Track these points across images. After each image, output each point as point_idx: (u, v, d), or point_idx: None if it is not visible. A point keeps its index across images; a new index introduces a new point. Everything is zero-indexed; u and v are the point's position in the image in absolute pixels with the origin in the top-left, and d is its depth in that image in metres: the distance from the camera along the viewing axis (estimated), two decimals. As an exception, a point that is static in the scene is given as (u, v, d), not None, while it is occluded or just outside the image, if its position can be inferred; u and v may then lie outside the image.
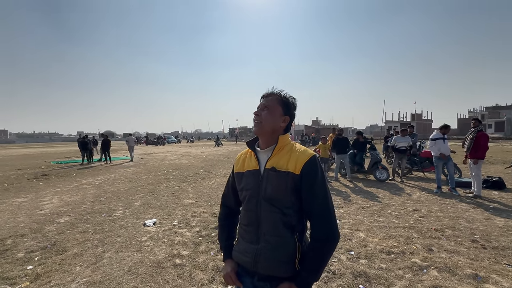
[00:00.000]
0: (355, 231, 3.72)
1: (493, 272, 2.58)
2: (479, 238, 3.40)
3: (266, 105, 1.15)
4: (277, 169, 1.09)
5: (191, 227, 4.02)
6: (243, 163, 1.22)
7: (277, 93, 1.18)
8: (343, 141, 7.77)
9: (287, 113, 1.17)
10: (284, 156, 1.11)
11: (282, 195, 1.08)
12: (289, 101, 1.18)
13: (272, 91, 1.19)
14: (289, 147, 1.14)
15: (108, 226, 4.16)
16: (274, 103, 1.15)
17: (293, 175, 1.07)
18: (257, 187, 1.11)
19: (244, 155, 1.25)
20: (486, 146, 5.43)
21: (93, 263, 2.94)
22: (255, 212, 1.12)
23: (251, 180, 1.14)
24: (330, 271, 2.68)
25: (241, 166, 1.22)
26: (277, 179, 1.08)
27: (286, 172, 1.07)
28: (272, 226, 1.08)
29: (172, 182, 7.89)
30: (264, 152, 1.16)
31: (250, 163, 1.18)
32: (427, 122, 52.57)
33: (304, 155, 1.10)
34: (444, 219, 4.19)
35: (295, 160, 1.08)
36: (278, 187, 1.08)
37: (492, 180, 6.29)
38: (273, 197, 1.09)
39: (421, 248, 3.15)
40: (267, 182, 1.10)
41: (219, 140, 31.74)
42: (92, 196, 6.24)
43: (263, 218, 1.10)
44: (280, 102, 1.16)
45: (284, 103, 1.17)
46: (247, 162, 1.20)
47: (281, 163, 1.10)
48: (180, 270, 2.77)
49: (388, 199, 5.55)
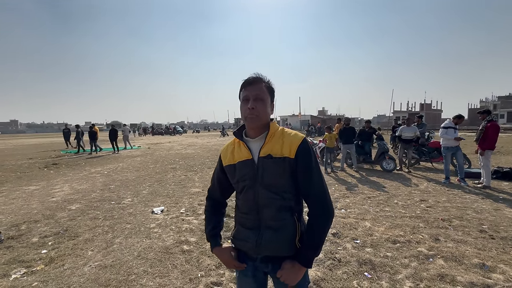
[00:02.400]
0: (361, 220, 3.72)
1: (501, 262, 2.56)
2: (487, 229, 3.36)
3: (259, 96, 1.09)
4: (273, 155, 1.08)
5: (198, 215, 4.08)
6: (232, 154, 1.18)
7: (263, 79, 1.12)
8: (349, 131, 7.68)
9: (272, 99, 1.16)
10: (277, 142, 1.10)
11: (281, 180, 1.09)
12: (272, 87, 1.15)
13: (258, 76, 1.12)
14: (280, 132, 1.13)
15: (117, 213, 4.26)
16: (264, 93, 1.10)
17: (289, 160, 1.07)
18: (254, 176, 1.11)
19: (232, 146, 1.22)
20: (494, 137, 5.30)
21: (104, 248, 3.04)
22: (253, 200, 1.12)
23: (246, 170, 1.12)
24: (336, 258, 2.70)
25: (231, 157, 1.18)
26: (274, 165, 1.08)
27: (282, 158, 1.07)
28: (273, 211, 1.10)
29: (178, 171, 7.99)
30: (255, 141, 1.13)
31: (240, 153, 1.15)
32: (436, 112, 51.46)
33: (296, 138, 1.10)
34: (451, 209, 4.15)
35: (288, 144, 1.08)
36: (275, 173, 1.08)
37: (502, 170, 6.16)
38: (271, 183, 1.09)
39: (428, 238, 3.14)
40: (264, 170, 1.09)
41: (225, 130, 31.80)
42: (101, 184, 6.38)
43: (262, 205, 1.11)
44: (268, 89, 1.12)
45: (270, 90, 1.14)
46: (237, 152, 1.17)
47: (275, 149, 1.09)
48: (188, 255, 2.84)
49: (394, 189, 5.51)
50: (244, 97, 1.10)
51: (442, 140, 6.04)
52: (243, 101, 1.11)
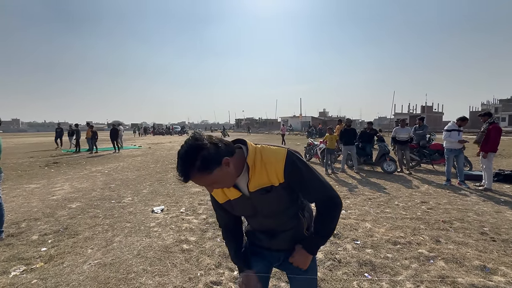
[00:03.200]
0: (361, 221, 3.71)
1: (502, 264, 2.55)
2: (488, 231, 3.35)
3: (207, 185, 0.97)
4: (262, 188, 1.04)
5: (198, 215, 4.08)
6: (223, 192, 1.11)
7: (190, 173, 0.90)
8: (350, 132, 7.67)
9: (218, 161, 0.92)
10: (261, 172, 1.02)
11: (280, 205, 1.11)
12: (203, 158, 0.89)
13: (182, 175, 0.90)
14: (259, 160, 1.02)
15: (117, 212, 4.26)
16: (207, 179, 0.93)
17: (281, 185, 1.04)
18: (253, 209, 1.13)
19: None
20: (496, 139, 5.28)
21: (103, 247, 3.03)
22: (260, 224, 1.21)
23: (243, 206, 1.12)
24: (336, 259, 2.69)
25: (223, 196, 1.12)
26: (267, 197, 1.06)
27: (273, 186, 1.04)
28: (281, 224, 1.18)
29: (179, 171, 7.98)
30: (240, 178, 1.06)
31: (230, 192, 1.10)
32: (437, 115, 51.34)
33: (278, 161, 1.01)
34: (452, 211, 4.14)
35: (273, 172, 1.02)
36: (272, 203, 1.09)
37: (504, 173, 6.14)
38: (272, 213, 1.14)
39: (428, 239, 3.12)
40: (259, 203, 1.10)
41: (226, 131, 31.84)
42: (102, 183, 6.38)
43: (270, 225, 1.19)
44: (204, 173, 0.91)
45: (205, 167, 0.90)
46: (228, 191, 1.10)
47: (262, 181, 1.03)
48: (187, 255, 2.83)
49: (395, 190, 5.49)
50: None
51: (445, 143, 6.02)
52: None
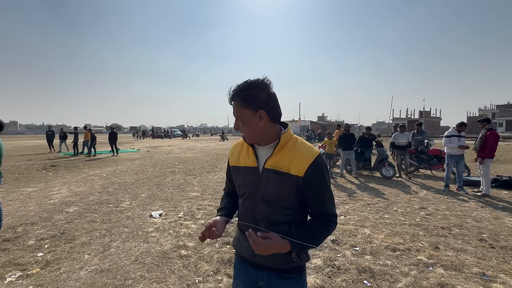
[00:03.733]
0: (360, 227, 3.70)
1: (501, 272, 2.54)
2: (487, 237, 3.35)
3: (238, 117, 1.01)
4: (278, 170, 1.00)
5: (197, 220, 4.06)
6: (238, 155, 1.13)
7: (234, 95, 0.99)
8: (349, 137, 7.70)
9: (258, 107, 0.97)
10: (286, 155, 1.00)
11: (282, 197, 1.02)
12: (251, 94, 0.96)
13: (233, 91, 0.99)
14: (292, 144, 1.02)
15: (115, 216, 4.23)
16: (240, 111, 0.99)
17: (296, 178, 0.98)
18: (255, 187, 1.05)
19: (240, 147, 1.15)
20: (493, 146, 5.32)
21: (101, 252, 3.01)
22: (252, 210, 1.07)
23: (248, 178, 1.07)
24: (335, 266, 2.68)
25: (237, 159, 1.13)
26: (277, 181, 1.00)
27: (288, 174, 0.99)
28: (269, 225, 1.04)
29: (177, 175, 7.96)
30: (264, 149, 1.05)
31: (247, 158, 1.08)
32: (435, 120, 51.67)
33: (308, 155, 0.99)
34: (451, 217, 4.14)
35: (298, 161, 0.99)
36: (278, 189, 1.01)
37: (501, 179, 6.16)
38: (272, 199, 1.03)
39: (427, 246, 3.12)
40: (267, 183, 1.02)
41: (225, 134, 31.84)
42: (100, 187, 6.35)
43: (260, 217, 1.05)
44: (242, 104, 0.98)
45: (247, 101, 0.97)
46: (244, 156, 1.10)
47: (282, 163, 1.00)
48: (185, 261, 2.81)
49: (394, 196, 5.49)
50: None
51: (446, 148, 6.05)
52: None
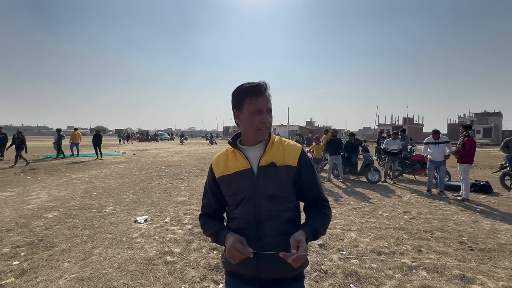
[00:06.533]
0: (347, 231, 3.75)
1: (480, 273, 2.64)
2: (466, 240, 3.48)
3: (270, 109, 1.06)
4: (276, 164, 1.04)
5: (183, 225, 3.98)
6: (225, 165, 1.10)
7: (268, 88, 1.07)
8: (336, 142, 7.84)
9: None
10: (278, 150, 1.07)
11: (283, 190, 1.05)
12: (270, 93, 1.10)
13: (265, 84, 1.05)
14: (279, 141, 1.11)
15: (98, 222, 4.08)
16: (271, 103, 1.07)
17: (292, 168, 1.05)
18: (254, 188, 1.03)
19: (224, 157, 1.13)
20: (471, 152, 5.59)
21: (82, 259, 2.88)
22: (253, 214, 1.04)
23: (244, 181, 1.05)
24: (322, 270, 2.69)
25: (224, 168, 1.09)
26: (276, 175, 1.04)
27: (285, 166, 1.05)
28: (275, 225, 1.03)
29: (164, 179, 7.81)
30: (253, 149, 1.08)
31: (237, 163, 1.07)
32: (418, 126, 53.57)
33: (296, 147, 1.11)
34: (433, 221, 4.27)
35: (290, 153, 1.07)
36: (279, 182, 1.04)
37: (479, 184, 6.45)
38: (275, 194, 1.03)
39: (411, 249, 3.20)
40: (266, 179, 1.03)
41: (213, 138, 31.63)
42: (82, 191, 6.12)
43: (265, 218, 1.03)
44: (270, 99, 1.08)
45: (271, 97, 1.09)
46: (232, 162, 1.09)
47: (276, 158, 1.05)
48: (171, 267, 2.74)
49: (379, 200, 5.62)
50: (257, 108, 1.02)
51: (424, 154, 6.28)
52: (254, 113, 1.02)
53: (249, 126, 1.05)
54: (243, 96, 1.04)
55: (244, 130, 1.09)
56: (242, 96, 1.05)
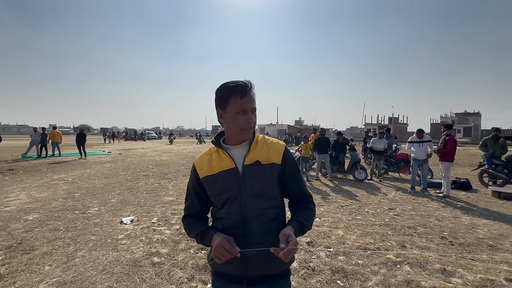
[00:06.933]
0: (334, 229, 3.82)
1: (459, 267, 2.76)
2: (447, 235, 3.62)
3: (255, 108, 1.05)
4: (261, 162, 1.05)
5: (171, 225, 3.92)
6: (209, 165, 1.09)
7: (253, 87, 1.05)
8: (324, 141, 7.95)
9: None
10: (263, 149, 1.08)
11: (269, 187, 1.06)
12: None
13: (250, 83, 1.04)
14: (262, 140, 1.11)
15: (81, 223, 3.95)
16: (255, 103, 1.06)
17: (276, 166, 1.06)
18: (239, 187, 1.03)
19: (208, 156, 1.12)
20: (452, 150, 5.83)
21: (64, 263, 2.78)
22: (240, 213, 1.03)
23: (229, 180, 1.04)
24: (310, 267, 2.73)
25: (208, 168, 1.08)
26: (262, 172, 1.04)
27: (270, 164, 1.06)
28: (261, 223, 1.03)
29: (151, 179, 7.66)
30: (237, 148, 1.08)
31: (221, 162, 1.06)
32: (402, 126, 55.14)
33: (280, 144, 1.12)
34: (416, 217, 4.42)
35: (274, 151, 1.08)
36: (264, 180, 1.04)
37: (460, 181, 6.72)
38: (260, 192, 1.04)
39: (395, 245, 3.29)
40: (251, 178, 1.03)
41: (202, 137, 31.32)
42: (65, 192, 5.91)
43: (251, 218, 1.03)
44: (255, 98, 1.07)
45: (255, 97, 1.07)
46: (216, 162, 1.08)
47: (261, 156, 1.06)
48: (158, 268, 2.69)
49: (365, 198, 5.75)
50: (242, 108, 1.01)
51: (408, 152, 6.48)
52: (239, 112, 1.01)
53: (234, 125, 1.04)
54: (227, 95, 1.02)
55: (228, 129, 1.08)
56: (227, 95, 1.02)
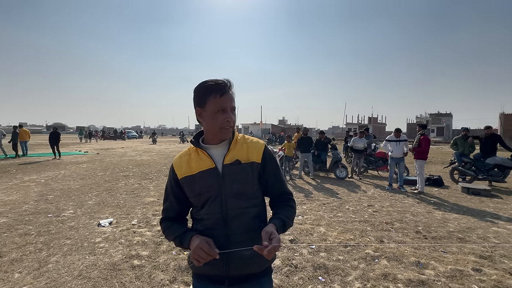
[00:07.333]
0: (316, 226, 3.90)
1: (432, 259, 2.92)
2: (421, 230, 3.81)
3: (234, 107, 1.05)
4: (241, 161, 1.05)
5: (152, 226, 3.82)
6: (188, 165, 1.07)
7: (232, 86, 1.05)
8: (307, 140, 8.09)
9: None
10: (242, 148, 1.07)
11: (249, 186, 1.06)
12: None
13: (228, 82, 1.04)
14: (242, 139, 1.11)
15: (55, 227, 3.75)
16: (235, 102, 1.06)
17: (256, 164, 1.07)
18: (219, 186, 1.02)
19: (187, 156, 1.10)
20: (426, 149, 6.15)
21: (36, 269, 2.63)
22: (221, 213, 1.02)
23: (209, 180, 1.03)
24: (292, 265, 2.77)
25: (187, 169, 1.06)
26: (242, 172, 1.04)
27: (250, 163, 1.06)
28: (242, 222, 1.03)
29: (132, 179, 7.42)
30: (217, 148, 1.06)
31: (201, 162, 1.05)
32: (381, 125, 57.34)
33: (259, 143, 1.12)
34: (393, 213, 4.62)
35: (254, 150, 1.08)
36: (244, 179, 1.04)
37: (433, 178, 7.10)
38: (241, 191, 1.04)
39: (374, 240, 3.43)
40: (232, 177, 1.02)
41: (185, 136, 30.77)
42: (37, 194, 5.57)
43: (231, 217, 1.02)
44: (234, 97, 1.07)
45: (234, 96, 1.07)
46: (196, 162, 1.06)
47: (241, 155, 1.05)
48: (138, 271, 2.61)
49: (346, 195, 5.92)
50: (222, 107, 1.00)
51: (385, 150, 6.75)
52: (218, 111, 1.00)
53: (213, 124, 1.02)
54: (206, 94, 1.01)
55: (207, 128, 1.06)
56: (206, 94, 1.01)
